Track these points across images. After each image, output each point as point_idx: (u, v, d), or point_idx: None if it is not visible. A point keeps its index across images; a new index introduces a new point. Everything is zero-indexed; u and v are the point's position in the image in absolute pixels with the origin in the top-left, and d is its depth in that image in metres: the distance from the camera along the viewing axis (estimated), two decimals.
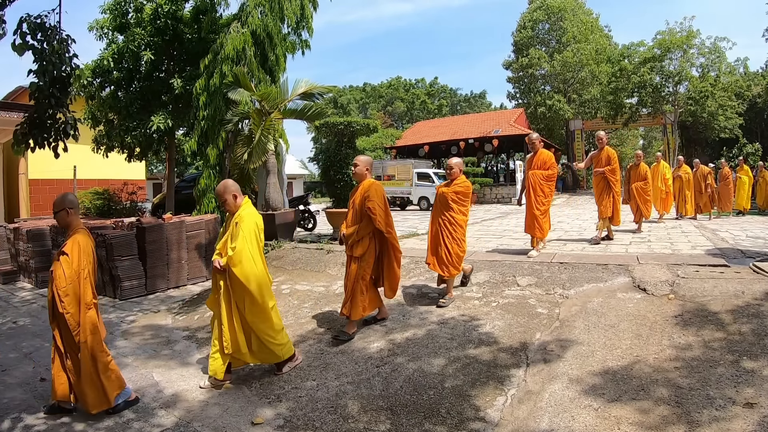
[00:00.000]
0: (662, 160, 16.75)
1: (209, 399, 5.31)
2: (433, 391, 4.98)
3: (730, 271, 7.10)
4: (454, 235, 7.34)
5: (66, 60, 6.96)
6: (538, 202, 9.44)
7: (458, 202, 7.44)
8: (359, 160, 6.81)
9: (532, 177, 9.53)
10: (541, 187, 9.49)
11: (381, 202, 6.53)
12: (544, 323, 6.32)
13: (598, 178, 11.08)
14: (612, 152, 11.10)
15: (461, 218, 7.47)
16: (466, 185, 7.53)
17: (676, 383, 4.52)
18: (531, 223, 9.55)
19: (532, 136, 9.82)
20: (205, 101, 13.72)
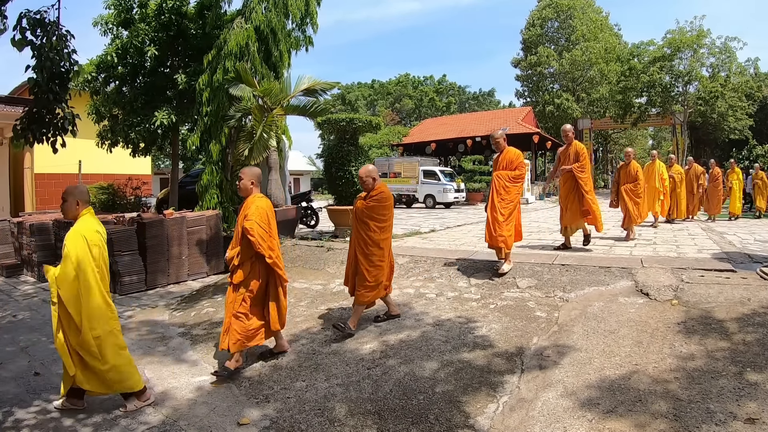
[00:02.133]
0: (658, 159, 15.28)
1: (198, 398, 5.24)
2: (423, 396, 4.84)
3: (736, 277, 6.93)
4: (371, 257, 6.59)
5: (65, 56, 6.91)
6: (501, 206, 8.34)
7: (374, 218, 6.62)
8: (244, 173, 6.04)
9: (497, 179, 8.54)
10: (505, 190, 8.47)
11: (262, 221, 5.73)
12: (542, 327, 6.17)
13: (566, 177, 9.92)
14: (581, 147, 10.00)
15: (378, 237, 6.62)
16: (382, 197, 6.67)
17: (676, 395, 4.35)
18: (492, 230, 8.29)
19: (496, 134, 8.91)
20: (208, 97, 13.62)
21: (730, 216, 18.31)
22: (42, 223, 12.53)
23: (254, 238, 5.59)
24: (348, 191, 12.15)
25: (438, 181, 27.57)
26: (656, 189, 14.58)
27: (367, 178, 6.69)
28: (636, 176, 12.26)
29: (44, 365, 6.29)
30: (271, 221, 5.88)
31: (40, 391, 5.47)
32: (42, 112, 7.11)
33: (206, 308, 8.60)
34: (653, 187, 14.52)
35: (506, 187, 8.45)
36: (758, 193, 19.81)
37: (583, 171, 9.70)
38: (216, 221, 12.37)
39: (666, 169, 15.50)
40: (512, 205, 8.42)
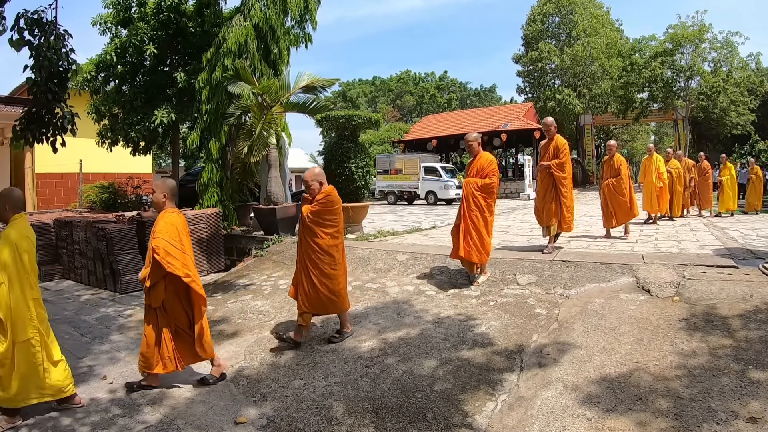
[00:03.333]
0: (654, 152, 14.52)
1: (196, 396, 5.22)
2: (421, 394, 4.79)
3: (738, 273, 6.86)
4: (320, 265, 6.10)
5: (63, 55, 6.90)
6: (471, 218, 7.77)
7: (320, 223, 6.13)
8: (156, 185, 5.57)
9: (466, 186, 7.94)
10: (474, 200, 7.82)
11: (172, 238, 5.22)
12: (542, 324, 6.12)
13: (544, 174, 9.21)
14: (562, 143, 9.20)
15: (326, 243, 6.15)
16: (328, 200, 6.15)
17: (677, 393, 4.29)
18: (463, 243, 7.74)
19: (470, 136, 8.12)
20: (207, 95, 13.64)
21: (720, 212, 17.54)
22: (43, 222, 12.55)
23: (160, 257, 5.11)
24: (348, 188, 12.15)
25: (439, 178, 27.49)
26: (653, 184, 14.01)
27: (313, 182, 6.24)
28: (619, 170, 11.24)
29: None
30: (183, 238, 5.35)
31: None
32: (41, 111, 7.11)
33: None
34: (650, 183, 14.06)
35: (475, 195, 7.83)
36: (752, 188, 19.04)
37: (562, 169, 9.02)
38: (216, 219, 12.37)
39: (664, 163, 14.79)
40: (484, 217, 7.84)
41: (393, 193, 29.70)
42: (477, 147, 8.07)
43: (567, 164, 9.09)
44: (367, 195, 33.51)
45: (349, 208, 12.06)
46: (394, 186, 29.79)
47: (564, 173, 9.01)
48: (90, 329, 7.78)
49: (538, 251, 9.09)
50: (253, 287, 9.27)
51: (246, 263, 11.25)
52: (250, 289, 9.20)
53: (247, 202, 15.16)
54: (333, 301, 6.20)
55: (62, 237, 12.25)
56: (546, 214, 9.13)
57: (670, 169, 15.23)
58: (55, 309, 9.14)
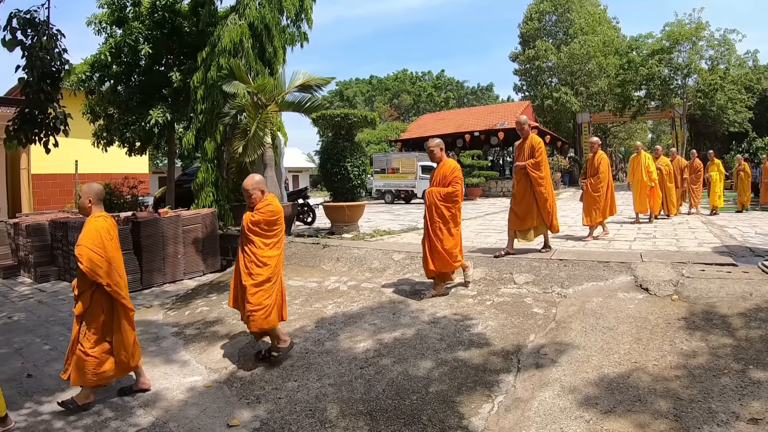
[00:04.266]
0: (643, 150, 14.10)
1: (189, 399, 5.19)
2: (416, 396, 4.73)
3: (737, 271, 6.79)
4: (258, 279, 5.73)
5: (55, 55, 6.86)
6: (434, 230, 7.30)
7: (260, 233, 5.82)
8: (82, 191, 5.31)
9: (428, 197, 7.45)
10: (437, 210, 7.32)
11: (95, 245, 4.98)
12: (540, 324, 6.05)
13: (519, 175, 8.74)
14: (537, 141, 8.77)
15: (266, 254, 5.81)
16: (269, 210, 5.81)
17: (677, 394, 4.22)
18: (429, 255, 7.35)
19: (431, 142, 7.68)
20: (202, 94, 13.55)
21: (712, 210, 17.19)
22: (38, 223, 12.50)
23: (83, 265, 4.90)
24: (344, 187, 12.04)
25: None
26: (643, 183, 13.63)
27: (254, 191, 5.87)
28: (598, 168, 10.92)
29: (37, 367, 6.25)
30: (107, 243, 5.07)
31: (32, 393, 5.44)
32: (34, 112, 7.06)
33: (200, 307, 8.54)
34: (640, 181, 13.69)
35: (437, 205, 7.31)
36: (740, 185, 18.65)
37: (539, 168, 8.59)
38: (212, 219, 12.31)
39: (653, 161, 14.40)
40: (449, 228, 7.33)
41: (390, 192, 29.68)
42: (439, 153, 7.60)
43: (543, 163, 8.67)
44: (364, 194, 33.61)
45: (345, 208, 12.02)
46: (391, 185, 29.76)
47: (541, 172, 8.60)
48: None
49: (535, 250, 9.01)
50: None
51: None
52: None
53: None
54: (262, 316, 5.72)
55: (57, 238, 12.18)
56: (528, 218, 8.67)
57: (660, 166, 14.90)
58: (50, 311, 9.13)
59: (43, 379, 5.83)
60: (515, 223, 8.83)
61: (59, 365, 6.21)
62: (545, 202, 8.59)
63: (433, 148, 7.58)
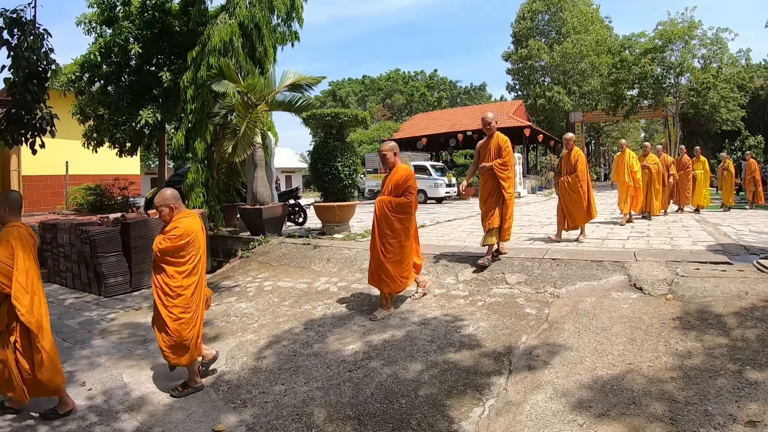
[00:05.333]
0: (627, 149, 13.64)
1: (174, 403, 5.10)
2: (405, 399, 4.61)
3: (732, 269, 6.70)
4: (171, 309, 5.11)
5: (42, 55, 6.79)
6: (383, 244, 6.75)
7: (170, 261, 5.16)
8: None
9: (378, 207, 6.89)
10: (387, 222, 6.76)
11: (5, 255, 4.69)
12: (532, 325, 5.94)
13: (486, 176, 8.19)
14: (503, 140, 8.15)
15: (178, 284, 5.16)
16: (175, 235, 5.12)
17: (672, 396, 4.12)
18: (376, 270, 6.82)
19: (385, 146, 7.11)
20: (192, 94, 13.43)
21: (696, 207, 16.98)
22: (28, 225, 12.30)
23: None
24: (335, 187, 11.94)
25: (429, 176, 27.43)
26: (626, 183, 13.16)
27: (162, 208, 5.26)
28: (576, 166, 10.28)
29: None
30: (19, 253, 4.76)
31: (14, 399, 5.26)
32: (20, 112, 6.99)
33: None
34: (623, 182, 13.18)
35: (387, 216, 6.76)
36: (723, 183, 18.27)
37: (506, 169, 8.01)
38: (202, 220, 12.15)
39: (638, 160, 13.91)
40: (400, 242, 6.78)
41: None
42: (393, 158, 7.02)
43: (511, 164, 8.10)
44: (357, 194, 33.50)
45: (336, 208, 11.91)
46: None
47: (508, 173, 8.02)
48: (72, 334, 7.61)
49: (527, 249, 8.91)
50: (237, 289, 9.10)
51: (231, 264, 11.09)
52: (235, 291, 9.02)
53: (234, 202, 14.97)
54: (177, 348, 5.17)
55: (47, 240, 12.07)
56: (491, 219, 8.06)
57: (649, 164, 14.40)
58: None
59: None
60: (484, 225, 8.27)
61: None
62: (507, 205, 8.04)
63: (385, 152, 7.02)
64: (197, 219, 5.39)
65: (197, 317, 5.27)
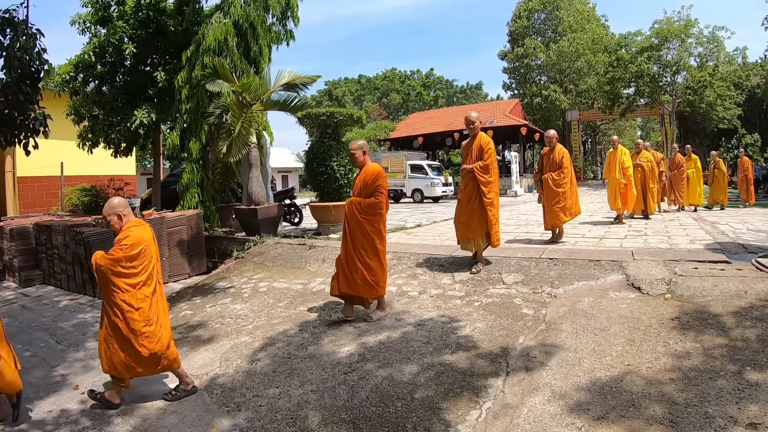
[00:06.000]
0: (619, 145, 13.14)
1: (167, 407, 5.02)
2: (401, 402, 4.54)
3: (731, 268, 6.65)
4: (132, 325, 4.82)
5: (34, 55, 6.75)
6: (357, 247, 6.49)
7: (121, 273, 4.83)
8: None
9: (348, 208, 6.63)
10: (358, 225, 6.50)
11: None
12: (529, 326, 5.87)
13: (467, 179, 7.87)
14: (486, 141, 7.85)
15: (130, 299, 4.85)
16: (130, 242, 4.83)
17: (672, 398, 4.06)
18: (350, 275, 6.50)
19: (354, 144, 6.78)
20: (187, 94, 13.38)
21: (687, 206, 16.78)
22: (23, 227, 12.37)
23: None
24: (330, 187, 11.87)
25: (425, 176, 27.39)
26: (617, 181, 12.73)
27: (110, 217, 5.04)
28: (561, 163, 9.73)
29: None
30: None
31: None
32: (13, 113, 6.93)
33: (184, 311, 8.34)
34: (614, 179, 12.77)
35: (358, 219, 6.49)
36: (715, 183, 17.67)
37: (487, 172, 7.71)
38: (197, 221, 12.15)
39: (630, 157, 13.44)
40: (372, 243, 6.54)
41: None
42: (362, 158, 6.68)
43: (492, 166, 7.78)
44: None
45: (332, 208, 11.83)
46: None
47: (489, 177, 7.71)
48: (66, 336, 7.58)
49: (524, 248, 8.85)
50: (232, 290, 9.02)
51: (227, 265, 11.02)
52: (230, 292, 8.94)
53: (229, 202, 14.92)
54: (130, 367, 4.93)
55: (42, 241, 12.02)
56: (476, 226, 7.79)
57: (642, 162, 14.01)
58: (33, 316, 9.03)
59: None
60: (461, 232, 8.05)
61: (40, 372, 6.14)
62: (492, 209, 7.73)
63: (354, 151, 6.69)
64: (147, 228, 5.17)
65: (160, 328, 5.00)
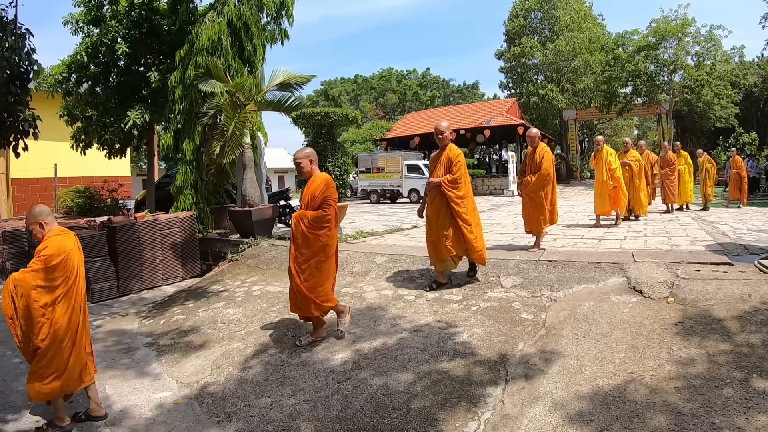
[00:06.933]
0: (605, 145, 12.38)
1: (156, 417, 4.88)
2: (396, 413, 4.39)
3: (734, 270, 6.51)
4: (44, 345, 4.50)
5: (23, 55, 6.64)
6: (299, 264, 5.88)
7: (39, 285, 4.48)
8: None
9: (294, 223, 5.97)
10: (304, 239, 5.87)
11: None
12: (528, 331, 5.72)
13: (434, 194, 7.23)
14: (455, 152, 7.22)
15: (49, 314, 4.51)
16: (49, 253, 4.49)
17: (677, 408, 3.91)
18: (294, 293, 5.99)
19: (300, 153, 6.15)
20: (180, 94, 13.24)
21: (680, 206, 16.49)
22: (15, 230, 12.21)
23: None
24: None
25: (422, 176, 27.19)
26: (604, 182, 11.96)
27: (33, 225, 4.73)
28: (541, 164, 8.88)
29: (5, 381, 5.88)
30: None
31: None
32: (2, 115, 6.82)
33: (176, 315, 8.18)
34: (601, 181, 12.02)
35: (305, 233, 5.85)
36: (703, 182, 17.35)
37: (457, 187, 7.07)
38: (190, 223, 12.01)
39: (617, 157, 12.68)
40: (318, 260, 5.92)
41: (376, 192, 29.39)
42: (308, 167, 6.07)
43: (463, 180, 7.15)
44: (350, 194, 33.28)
45: None
46: (376, 185, 29.48)
47: (459, 191, 7.09)
48: None
49: (522, 250, 8.69)
50: (226, 294, 8.87)
51: (221, 268, 10.87)
52: (223, 296, 8.79)
53: (224, 204, 14.77)
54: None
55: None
56: (445, 244, 7.11)
57: (629, 161, 13.46)
58: None
59: (10, 396, 5.50)
60: (431, 252, 7.41)
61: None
62: (468, 226, 7.08)
63: (300, 160, 6.06)
64: (71, 237, 4.79)
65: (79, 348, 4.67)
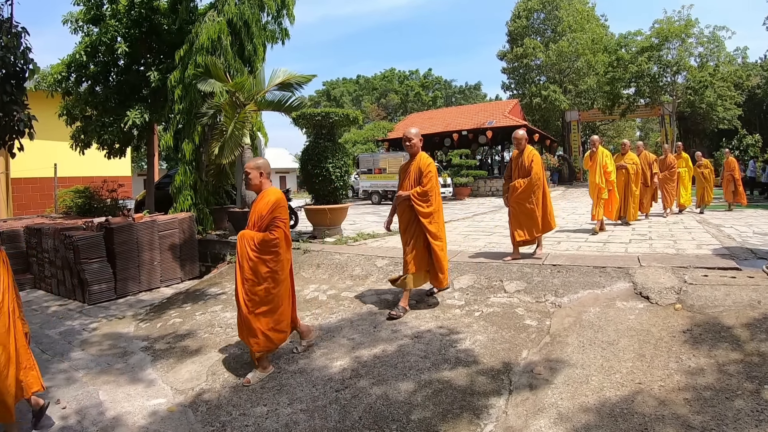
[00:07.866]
0: (600, 146, 11.70)
1: (150, 425, 4.74)
2: (396, 425, 4.24)
3: (742, 276, 6.36)
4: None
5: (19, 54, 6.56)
6: (245, 292, 5.29)
7: None
8: None
9: (240, 244, 5.35)
10: (250, 264, 5.27)
11: None
12: (533, 338, 5.57)
13: (404, 206, 6.74)
14: (426, 162, 6.78)
15: None
16: None
17: (687, 421, 3.76)
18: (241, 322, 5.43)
19: (249, 164, 5.53)
20: (180, 94, 13.14)
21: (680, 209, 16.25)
22: (13, 230, 12.14)
23: None
24: (325, 189, 11.57)
25: None
26: (597, 185, 11.41)
27: None
28: (530, 168, 8.25)
29: None
30: None
31: None
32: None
33: (173, 319, 8.06)
34: (593, 183, 11.49)
35: (251, 257, 5.25)
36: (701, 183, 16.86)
37: (427, 200, 6.59)
38: (189, 224, 11.89)
39: (614, 159, 12.32)
40: (266, 287, 5.31)
41: (377, 193, 29.23)
42: (257, 180, 5.50)
43: (433, 192, 6.64)
44: (351, 195, 33.13)
45: (327, 211, 11.54)
46: (378, 185, 29.32)
47: (429, 206, 6.60)
48: (52, 345, 7.30)
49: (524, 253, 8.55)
50: (224, 296, 8.74)
51: (219, 270, 10.75)
52: (221, 298, 8.66)
53: (223, 205, 14.65)
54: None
55: (32, 245, 11.78)
56: (415, 260, 6.64)
57: (626, 164, 12.92)
58: None
59: None
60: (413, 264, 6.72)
61: None
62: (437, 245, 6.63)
63: (249, 171, 5.49)
64: None
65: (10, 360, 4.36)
